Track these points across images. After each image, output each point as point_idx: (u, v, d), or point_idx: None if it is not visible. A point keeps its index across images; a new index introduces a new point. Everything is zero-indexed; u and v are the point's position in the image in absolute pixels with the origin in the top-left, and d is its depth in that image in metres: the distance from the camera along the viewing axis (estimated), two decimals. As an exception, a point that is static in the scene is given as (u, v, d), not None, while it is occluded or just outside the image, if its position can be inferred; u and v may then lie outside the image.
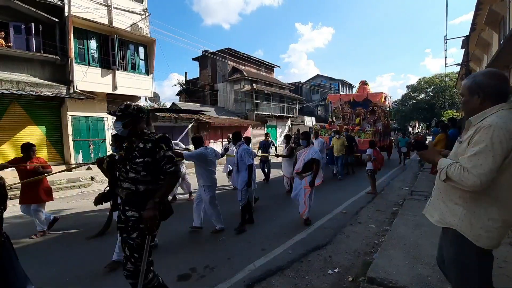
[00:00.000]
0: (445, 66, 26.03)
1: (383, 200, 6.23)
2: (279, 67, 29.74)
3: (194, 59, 26.33)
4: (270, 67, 28.34)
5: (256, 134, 22.62)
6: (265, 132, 9.38)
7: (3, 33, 9.27)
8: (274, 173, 9.04)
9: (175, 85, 33.20)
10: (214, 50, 23.11)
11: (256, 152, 7.70)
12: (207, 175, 4.24)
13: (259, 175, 8.71)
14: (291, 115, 26.32)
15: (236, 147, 4.64)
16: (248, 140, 6.02)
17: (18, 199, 4.32)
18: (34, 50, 9.67)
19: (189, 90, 25.81)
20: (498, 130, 1.29)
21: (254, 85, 21.88)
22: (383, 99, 11.76)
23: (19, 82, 9.18)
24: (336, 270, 3.08)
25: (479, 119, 1.43)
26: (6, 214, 3.91)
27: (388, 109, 13.34)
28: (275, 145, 8.99)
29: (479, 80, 1.45)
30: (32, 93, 9.18)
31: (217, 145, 17.15)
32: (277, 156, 7.56)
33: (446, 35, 14.72)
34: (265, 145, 8.73)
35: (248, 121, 21.20)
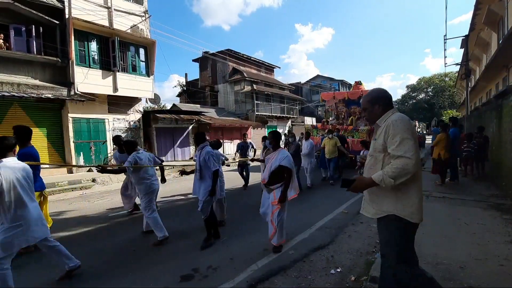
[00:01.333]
0: (445, 66, 26.11)
1: (385, 200, 6.23)
2: (279, 67, 29.82)
3: (194, 60, 26.40)
4: (270, 68, 28.39)
5: (256, 135, 22.66)
6: (244, 133, 8.33)
7: (2, 35, 9.30)
8: (255, 178, 8.51)
9: (175, 86, 33.26)
10: (214, 51, 23.16)
11: (235, 156, 7.42)
12: (137, 181, 4.05)
13: (236, 181, 8.39)
14: (291, 116, 26.34)
15: (198, 150, 3.98)
16: (217, 144, 5.56)
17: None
18: (35, 52, 9.69)
19: (189, 91, 25.85)
20: (402, 122, 1.76)
21: (255, 86, 21.92)
22: None
23: (20, 84, 9.21)
24: (338, 270, 3.08)
25: (383, 120, 1.90)
26: None
27: None
28: (255, 147, 8.16)
29: (375, 95, 2.00)
30: (33, 95, 9.20)
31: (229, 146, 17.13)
32: (252, 160, 6.76)
33: (445, 35, 14.73)
34: (243, 148, 7.85)
35: (248, 122, 21.23)
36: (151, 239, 4.05)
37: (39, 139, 9.94)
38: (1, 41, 9.26)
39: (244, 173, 7.88)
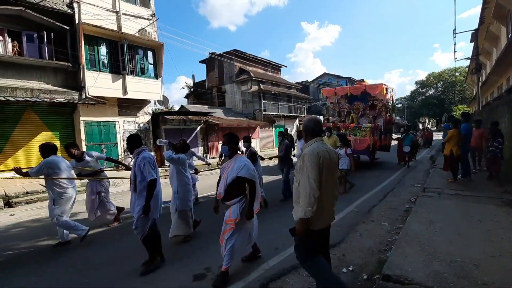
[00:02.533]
0: (455, 61, 25.56)
1: (395, 198, 6.17)
2: (286, 66, 29.75)
3: (201, 61, 26.58)
4: (276, 67, 28.34)
5: (264, 135, 22.66)
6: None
7: (15, 42, 9.58)
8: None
9: (183, 88, 33.49)
10: (220, 52, 23.27)
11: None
12: (50, 186, 3.97)
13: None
14: (298, 115, 26.24)
15: (134, 157, 3.33)
16: (185, 147, 4.73)
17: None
18: (47, 58, 9.95)
19: (197, 93, 26.04)
20: (309, 156, 2.16)
21: (261, 86, 21.92)
22: (384, 92, 10.16)
23: (33, 89, 9.47)
24: (350, 268, 3.08)
25: (305, 148, 2.32)
26: (25, 218, 4.05)
27: (390, 103, 11.78)
28: (241, 150, 7.80)
29: (305, 123, 2.43)
30: (45, 99, 9.45)
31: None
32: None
33: (455, 29, 14.43)
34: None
35: (256, 121, 21.26)
36: (164, 239, 4.11)
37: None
38: (14, 48, 9.54)
39: None
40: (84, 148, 10.86)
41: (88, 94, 10.64)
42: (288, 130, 24.42)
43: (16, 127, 9.48)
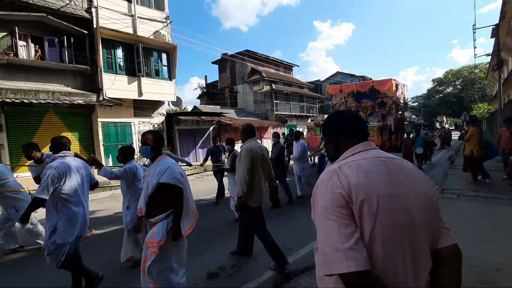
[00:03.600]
0: (475, 57, 24.67)
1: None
2: (298, 66, 29.50)
3: (213, 62, 26.82)
4: (288, 67, 28.23)
5: (276, 135, 22.57)
6: (215, 136, 7.36)
7: (38, 47, 10.01)
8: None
9: (195, 88, 33.95)
10: (232, 52, 23.41)
11: (202, 162, 6.59)
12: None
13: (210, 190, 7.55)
14: (311, 114, 26.02)
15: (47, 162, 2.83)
16: (130, 152, 3.64)
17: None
18: (67, 62, 10.34)
19: (209, 93, 26.32)
20: (244, 151, 3.10)
21: (273, 86, 21.89)
22: (393, 88, 9.34)
23: (54, 92, 9.87)
24: (365, 270, 3.04)
25: (242, 146, 3.21)
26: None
27: (402, 100, 10.90)
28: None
29: (242, 127, 3.32)
30: (66, 101, 9.83)
31: (237, 146, 17.33)
32: (204, 168, 5.58)
33: (474, 24, 13.89)
34: (214, 153, 6.72)
35: (268, 121, 21.25)
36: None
37: (72, 143, 10.60)
38: (37, 53, 9.98)
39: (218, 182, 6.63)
40: (101, 149, 11.22)
41: (106, 96, 10.98)
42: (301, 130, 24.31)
43: (39, 128, 9.92)
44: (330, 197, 0.92)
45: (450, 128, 33.35)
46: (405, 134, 10.65)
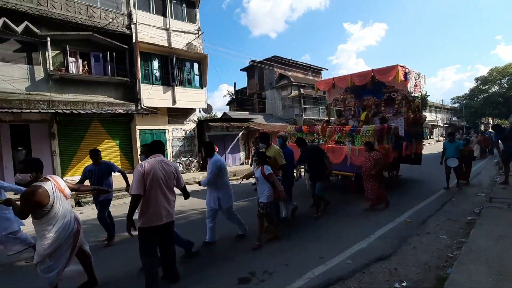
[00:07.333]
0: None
1: (455, 208, 5.57)
2: (327, 69, 28.99)
3: (242, 69, 27.38)
4: (317, 71, 27.85)
5: (305, 140, 22.24)
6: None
7: (85, 62, 11.03)
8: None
9: (225, 95, 34.86)
10: (261, 59, 23.71)
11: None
12: None
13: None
14: (341, 118, 25.29)
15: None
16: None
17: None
18: (110, 75, 11.25)
19: (238, 100, 26.83)
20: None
21: (302, 90, 21.71)
22: (399, 77, 6.67)
23: (99, 102, 10.77)
24: (404, 284, 2.87)
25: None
26: (90, 216, 4.53)
27: (417, 94, 8.17)
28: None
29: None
30: (109, 111, 10.69)
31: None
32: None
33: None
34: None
35: (296, 126, 21.04)
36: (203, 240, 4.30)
37: (113, 149, 11.51)
38: (84, 67, 10.99)
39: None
40: (139, 154, 11.93)
41: (143, 105, 11.72)
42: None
43: (86, 136, 10.88)
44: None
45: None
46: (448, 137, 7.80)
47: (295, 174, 6.22)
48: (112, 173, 4.70)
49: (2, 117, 9.08)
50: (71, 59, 10.56)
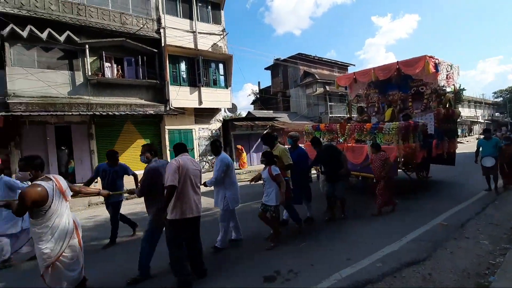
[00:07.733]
0: None
1: (498, 212, 5.12)
2: (354, 65, 28.06)
3: (266, 68, 27.44)
4: (343, 67, 27.06)
5: (331, 138, 21.74)
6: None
7: (120, 66, 11.71)
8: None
9: (249, 95, 35.12)
10: (285, 57, 23.54)
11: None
12: None
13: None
14: (370, 116, 24.37)
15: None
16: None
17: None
18: (141, 78, 11.85)
19: (262, 98, 26.90)
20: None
21: (327, 87, 21.24)
22: (429, 69, 6.08)
23: (131, 104, 11.39)
24: (438, 290, 2.72)
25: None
26: (103, 217, 4.70)
27: (449, 88, 7.59)
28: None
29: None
30: (140, 112, 11.28)
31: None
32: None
33: None
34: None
35: (322, 124, 20.64)
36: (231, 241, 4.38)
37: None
38: (118, 72, 11.68)
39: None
40: (168, 153, 12.44)
41: (172, 106, 12.19)
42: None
43: (119, 136, 11.57)
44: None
45: None
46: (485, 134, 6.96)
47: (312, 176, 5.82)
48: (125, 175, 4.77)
49: (48, 120, 9.95)
50: (106, 64, 11.27)
